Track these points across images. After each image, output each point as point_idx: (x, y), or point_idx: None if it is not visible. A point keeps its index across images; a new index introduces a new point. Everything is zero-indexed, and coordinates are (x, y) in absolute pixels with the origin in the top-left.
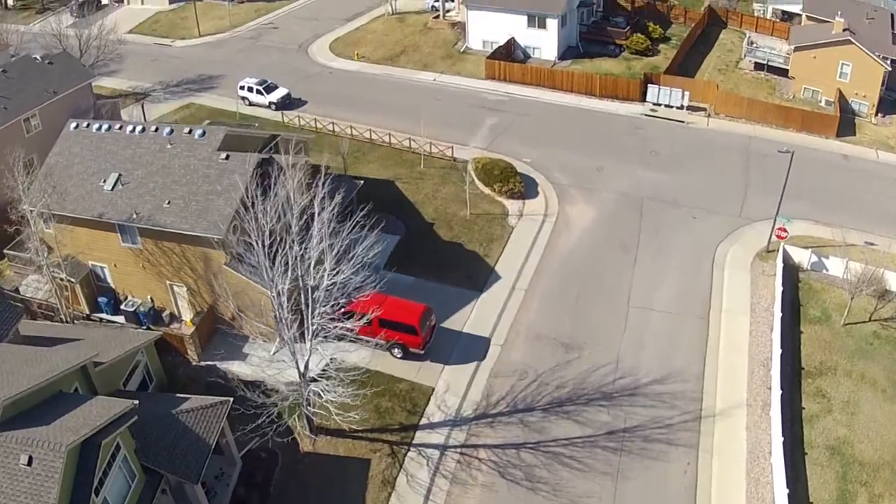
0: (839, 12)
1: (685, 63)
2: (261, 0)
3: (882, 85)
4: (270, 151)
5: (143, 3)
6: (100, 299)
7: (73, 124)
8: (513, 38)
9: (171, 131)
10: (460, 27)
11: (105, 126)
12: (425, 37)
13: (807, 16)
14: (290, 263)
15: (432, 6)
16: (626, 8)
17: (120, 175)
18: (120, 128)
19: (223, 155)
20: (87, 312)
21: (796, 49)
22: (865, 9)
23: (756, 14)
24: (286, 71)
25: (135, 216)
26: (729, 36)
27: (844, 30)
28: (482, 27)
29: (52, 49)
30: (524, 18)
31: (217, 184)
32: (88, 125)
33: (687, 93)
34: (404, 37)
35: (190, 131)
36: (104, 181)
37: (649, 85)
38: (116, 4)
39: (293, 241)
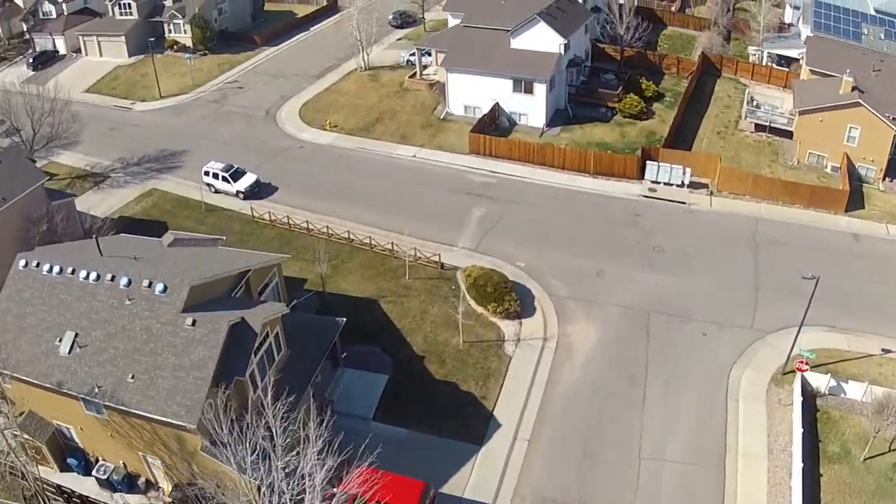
0: (847, 71)
1: (682, 126)
2: (224, 52)
3: (891, 148)
4: (241, 289)
5: (101, 55)
6: (69, 460)
7: (23, 262)
8: (497, 103)
9: (129, 282)
10: (439, 88)
11: (57, 268)
12: (402, 100)
13: (810, 70)
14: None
15: (407, 60)
16: (614, 58)
17: (77, 335)
18: (73, 272)
19: (189, 320)
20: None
21: (801, 112)
22: (872, 59)
23: (751, 58)
24: (253, 145)
25: (97, 390)
26: (725, 87)
27: (853, 89)
28: (463, 91)
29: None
30: (509, 83)
31: (185, 356)
32: (38, 264)
33: (689, 170)
34: (379, 100)
35: (150, 284)
36: (60, 340)
37: (648, 162)
38: (74, 55)
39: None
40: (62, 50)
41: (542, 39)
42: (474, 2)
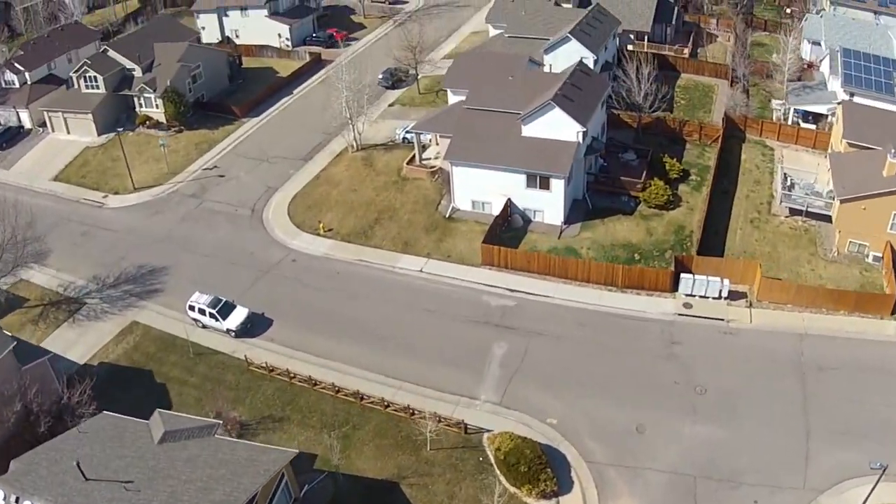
0: (892, 151)
1: (712, 214)
2: (201, 127)
3: None
4: None
5: (69, 133)
6: None
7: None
8: (509, 199)
9: None
10: (442, 177)
11: None
12: (401, 193)
13: (847, 143)
14: None
15: (403, 138)
16: (631, 125)
17: None
18: None
19: None
20: None
21: (843, 201)
22: None
23: (776, 114)
24: (240, 258)
25: None
26: (751, 153)
27: None
28: (470, 186)
29: None
30: (522, 178)
31: None
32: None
33: (727, 282)
34: (376, 194)
35: None
36: None
37: (682, 275)
38: (41, 130)
39: None
40: (27, 124)
41: (558, 127)
42: (478, 76)
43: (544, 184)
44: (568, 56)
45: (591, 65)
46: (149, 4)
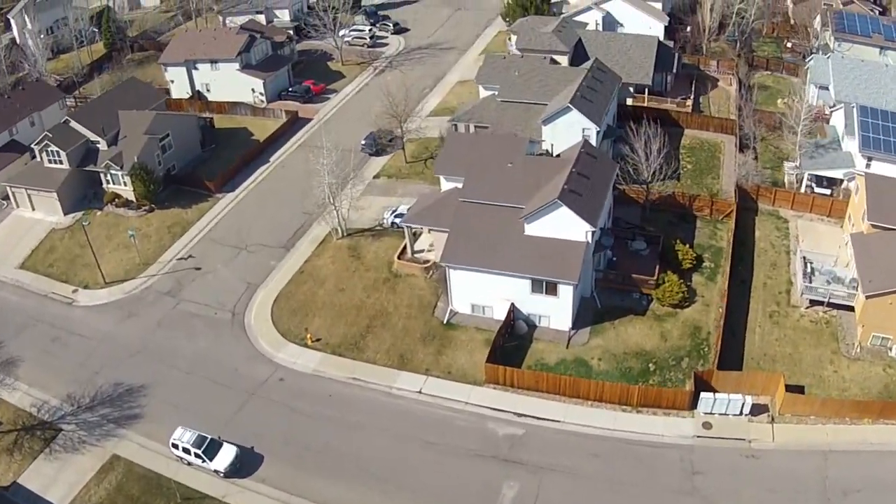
0: None
1: (729, 308)
2: (173, 205)
3: None
4: None
5: (33, 209)
6: None
7: None
8: (512, 304)
9: None
10: (437, 274)
11: None
12: (394, 294)
13: (871, 224)
14: None
15: (392, 223)
16: (637, 200)
17: None
18: None
19: None
20: None
21: (868, 296)
22: None
23: (787, 177)
24: (224, 376)
25: None
26: (766, 228)
27: None
28: (469, 289)
29: None
30: (527, 283)
31: None
32: None
33: (749, 398)
34: (366, 295)
35: None
36: None
37: (702, 394)
38: (5, 204)
39: None
40: None
41: (566, 226)
42: (472, 162)
43: (551, 289)
44: (569, 127)
45: (593, 136)
46: (115, 50)
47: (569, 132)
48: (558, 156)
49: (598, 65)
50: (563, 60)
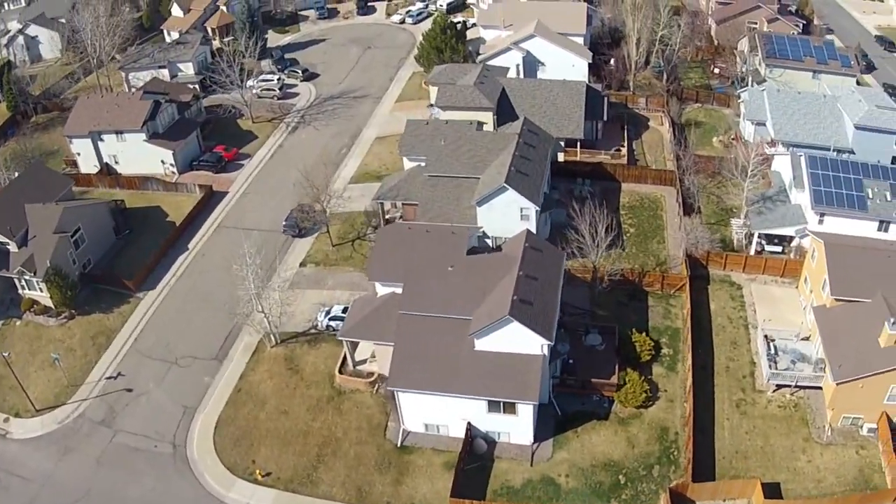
0: (892, 319)
1: (696, 404)
2: (93, 310)
3: None
4: None
5: None
6: None
7: None
8: (469, 423)
9: None
10: (384, 389)
11: None
12: (340, 415)
13: (835, 298)
14: None
15: (327, 325)
16: (584, 279)
17: None
18: None
19: None
20: None
21: (839, 383)
22: (889, 251)
23: (735, 235)
24: None
25: None
26: (720, 299)
27: None
28: (422, 410)
29: None
30: (483, 403)
31: None
32: None
33: None
34: (312, 417)
35: None
36: None
37: None
38: None
39: None
40: None
41: (518, 341)
42: (409, 266)
43: (509, 408)
44: (506, 206)
45: (532, 216)
46: (18, 113)
47: (506, 212)
48: (499, 248)
49: (529, 126)
50: (488, 117)
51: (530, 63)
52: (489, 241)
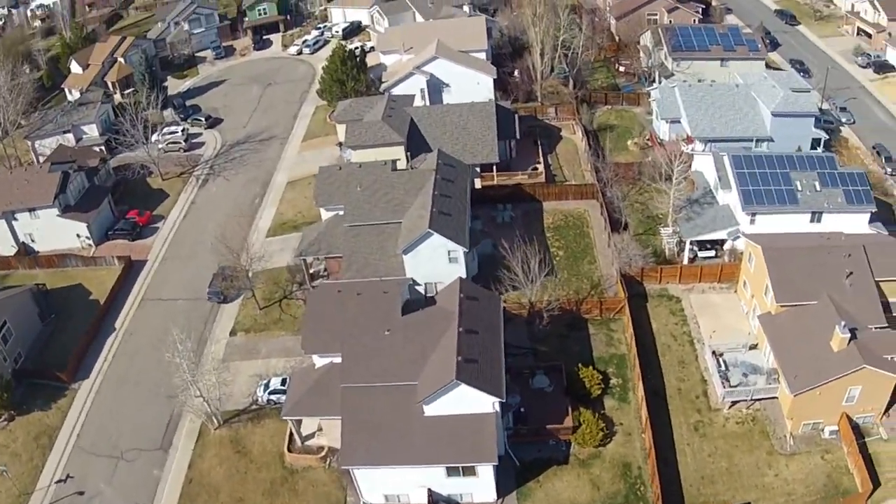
0: (842, 323)
1: (654, 435)
2: (32, 408)
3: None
4: None
5: None
6: None
7: None
8: (429, 490)
9: None
10: (337, 464)
11: None
12: (297, 496)
13: (780, 305)
14: None
15: (268, 400)
16: (521, 314)
17: None
18: None
19: None
20: None
21: (796, 394)
22: (837, 256)
23: (665, 243)
24: None
25: None
26: (661, 316)
27: (850, 341)
28: (378, 483)
29: None
30: (441, 470)
31: None
32: None
33: None
34: (268, 502)
35: None
36: None
37: None
38: None
39: None
40: None
41: (468, 402)
42: (343, 334)
43: (469, 471)
44: (433, 251)
45: (461, 259)
46: None
47: (433, 257)
48: (433, 299)
49: (444, 159)
50: (400, 151)
51: (435, 85)
52: (420, 289)
